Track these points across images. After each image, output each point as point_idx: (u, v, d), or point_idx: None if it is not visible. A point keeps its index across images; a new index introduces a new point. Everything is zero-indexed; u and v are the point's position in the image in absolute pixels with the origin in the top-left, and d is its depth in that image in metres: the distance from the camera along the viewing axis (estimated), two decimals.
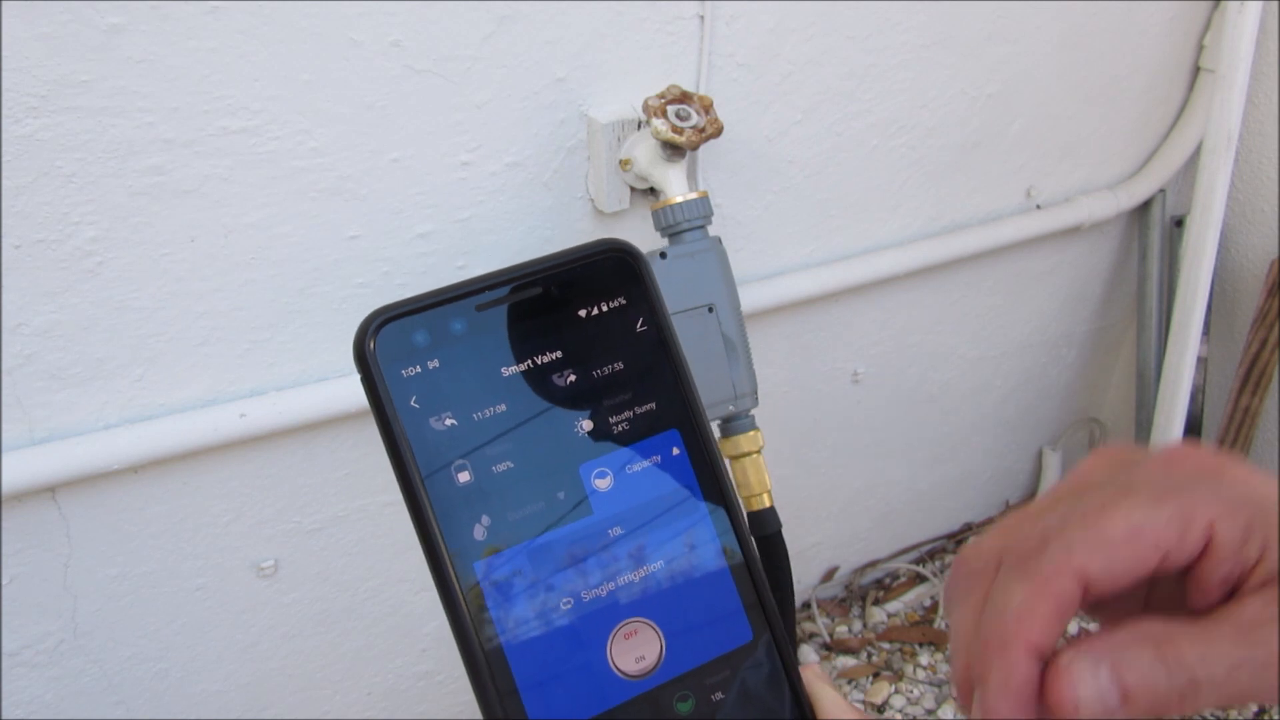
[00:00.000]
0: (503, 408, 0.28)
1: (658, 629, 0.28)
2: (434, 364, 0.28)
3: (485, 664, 0.27)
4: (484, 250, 0.85)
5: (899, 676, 1.31)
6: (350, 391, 0.83)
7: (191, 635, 0.91)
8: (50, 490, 0.77)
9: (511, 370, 0.29)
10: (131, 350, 0.75)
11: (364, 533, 0.94)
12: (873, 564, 1.46)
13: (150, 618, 0.87)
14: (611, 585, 0.28)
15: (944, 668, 1.32)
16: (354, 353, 0.28)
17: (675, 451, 0.30)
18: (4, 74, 0.62)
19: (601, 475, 0.29)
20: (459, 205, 0.82)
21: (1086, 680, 0.26)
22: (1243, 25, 1.14)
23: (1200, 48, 1.25)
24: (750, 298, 0.99)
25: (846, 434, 1.27)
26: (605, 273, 0.30)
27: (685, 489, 0.29)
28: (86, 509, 0.79)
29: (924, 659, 1.33)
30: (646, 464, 0.29)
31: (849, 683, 1.31)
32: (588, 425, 0.29)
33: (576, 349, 0.29)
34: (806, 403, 1.20)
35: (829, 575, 1.43)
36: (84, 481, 0.77)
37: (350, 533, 0.94)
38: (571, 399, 0.29)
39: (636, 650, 0.28)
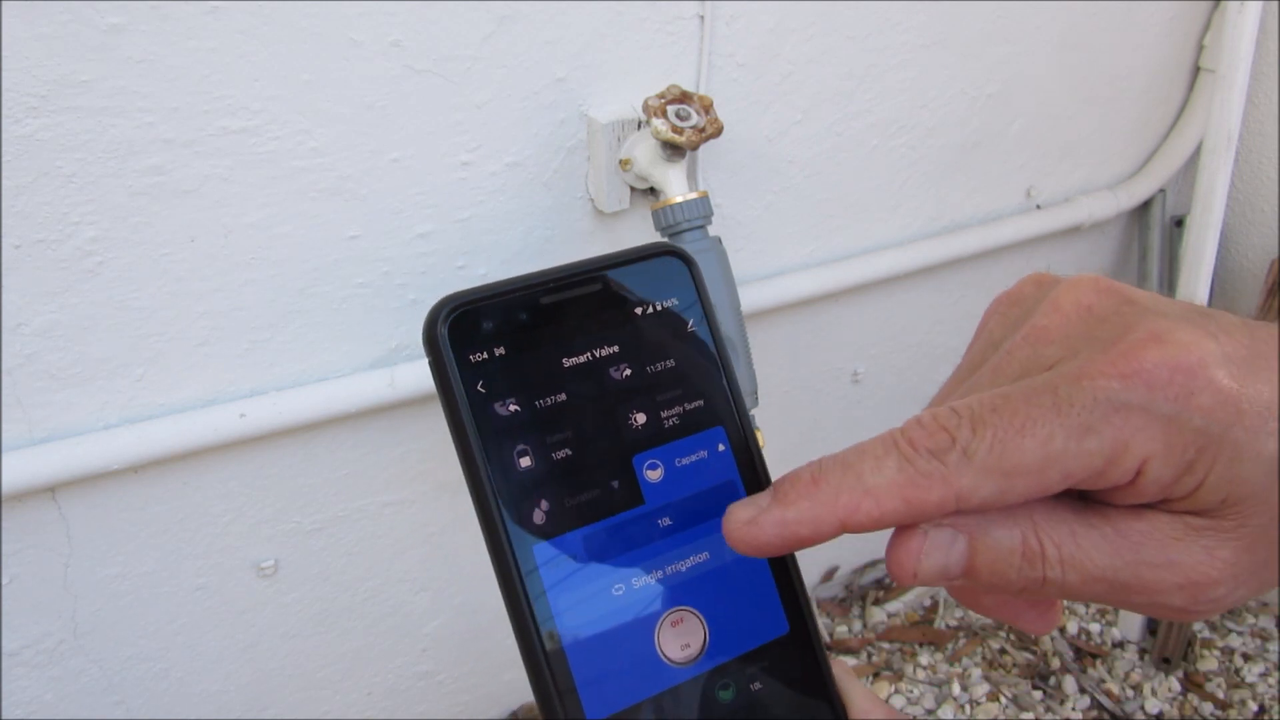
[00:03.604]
0: (563, 397, 0.29)
1: (702, 618, 0.29)
2: (500, 351, 0.29)
3: (539, 641, 0.27)
4: (484, 250, 0.85)
5: (899, 676, 1.31)
6: (350, 392, 0.83)
7: (191, 635, 0.90)
8: (50, 490, 0.77)
9: (572, 361, 0.30)
10: (131, 350, 0.75)
11: (364, 533, 0.94)
12: (872, 564, 1.46)
13: (150, 618, 0.87)
14: (661, 573, 0.29)
15: (944, 668, 1.32)
16: (424, 337, 0.29)
17: (720, 448, 0.31)
18: (4, 74, 0.62)
19: (653, 467, 0.30)
20: (459, 205, 0.82)
21: (936, 554, 0.24)
22: (1243, 25, 1.14)
23: (1200, 48, 1.25)
24: (750, 298, 0.99)
25: (846, 434, 1.27)
26: (661, 274, 0.31)
27: (729, 483, 0.31)
28: (86, 509, 0.79)
29: (924, 659, 1.33)
30: (694, 458, 0.30)
31: None
32: (641, 418, 0.30)
33: (632, 345, 0.30)
34: (806, 403, 1.20)
35: (829, 575, 1.43)
36: (84, 481, 0.77)
37: (350, 533, 0.94)
38: (627, 392, 0.30)
39: (683, 638, 0.29)
